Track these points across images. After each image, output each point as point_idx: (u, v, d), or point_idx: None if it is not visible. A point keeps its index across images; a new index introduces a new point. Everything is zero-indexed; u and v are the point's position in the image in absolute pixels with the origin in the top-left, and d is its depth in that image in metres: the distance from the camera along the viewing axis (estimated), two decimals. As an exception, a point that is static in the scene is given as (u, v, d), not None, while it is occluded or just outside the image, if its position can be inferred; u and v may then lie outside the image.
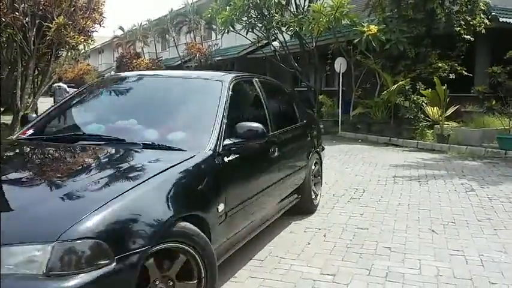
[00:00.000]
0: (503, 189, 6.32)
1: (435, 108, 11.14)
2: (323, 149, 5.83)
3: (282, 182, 4.20)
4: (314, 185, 5.25)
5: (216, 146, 3.00)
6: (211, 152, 2.96)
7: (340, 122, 13.67)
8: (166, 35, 31.58)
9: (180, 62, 27.82)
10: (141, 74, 4.50)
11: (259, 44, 18.26)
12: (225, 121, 3.19)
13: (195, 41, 27.76)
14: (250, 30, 16.11)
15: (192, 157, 2.84)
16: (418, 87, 11.51)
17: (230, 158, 3.12)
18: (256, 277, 3.38)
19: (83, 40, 10.40)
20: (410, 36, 12.20)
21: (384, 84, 12.88)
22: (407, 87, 11.58)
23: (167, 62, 32.38)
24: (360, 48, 12.75)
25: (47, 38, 8.74)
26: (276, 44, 17.02)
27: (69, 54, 10.67)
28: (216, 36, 23.17)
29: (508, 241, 4.20)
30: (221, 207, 2.91)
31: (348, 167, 8.16)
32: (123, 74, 4.70)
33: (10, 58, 9.26)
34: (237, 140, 3.15)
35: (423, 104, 11.35)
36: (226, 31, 16.26)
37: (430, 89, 11.35)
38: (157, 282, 2.31)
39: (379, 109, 12.87)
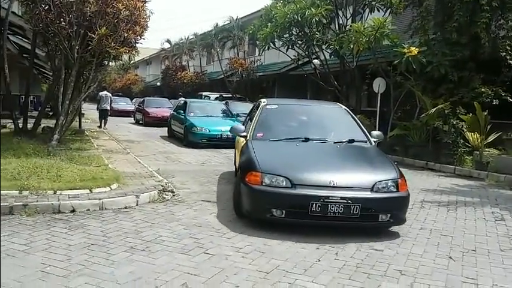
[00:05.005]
0: (537, 221, 5.99)
1: (475, 134, 10.75)
2: None
3: None
4: None
5: None
6: None
7: (377, 144, 13.34)
8: (212, 49, 32.25)
9: (222, 76, 28.32)
10: None
11: (300, 62, 18.33)
12: None
13: (238, 56, 28.20)
14: (290, 47, 16.24)
15: None
16: (458, 111, 11.14)
17: None
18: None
19: (127, 51, 10.79)
20: (453, 60, 11.81)
21: (423, 107, 12.56)
22: (446, 111, 11.24)
23: (211, 75, 32.98)
24: (399, 69, 12.54)
25: (89, 48, 9.17)
26: (316, 62, 17.03)
27: (113, 64, 11.05)
28: (259, 52, 23.41)
29: (529, 274, 3.99)
30: None
31: (376, 188, 7.96)
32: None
33: (58, 66, 9.79)
34: None
35: (463, 129, 10.96)
36: (266, 47, 16.47)
37: (470, 114, 10.97)
38: None
39: (417, 132, 12.51)
